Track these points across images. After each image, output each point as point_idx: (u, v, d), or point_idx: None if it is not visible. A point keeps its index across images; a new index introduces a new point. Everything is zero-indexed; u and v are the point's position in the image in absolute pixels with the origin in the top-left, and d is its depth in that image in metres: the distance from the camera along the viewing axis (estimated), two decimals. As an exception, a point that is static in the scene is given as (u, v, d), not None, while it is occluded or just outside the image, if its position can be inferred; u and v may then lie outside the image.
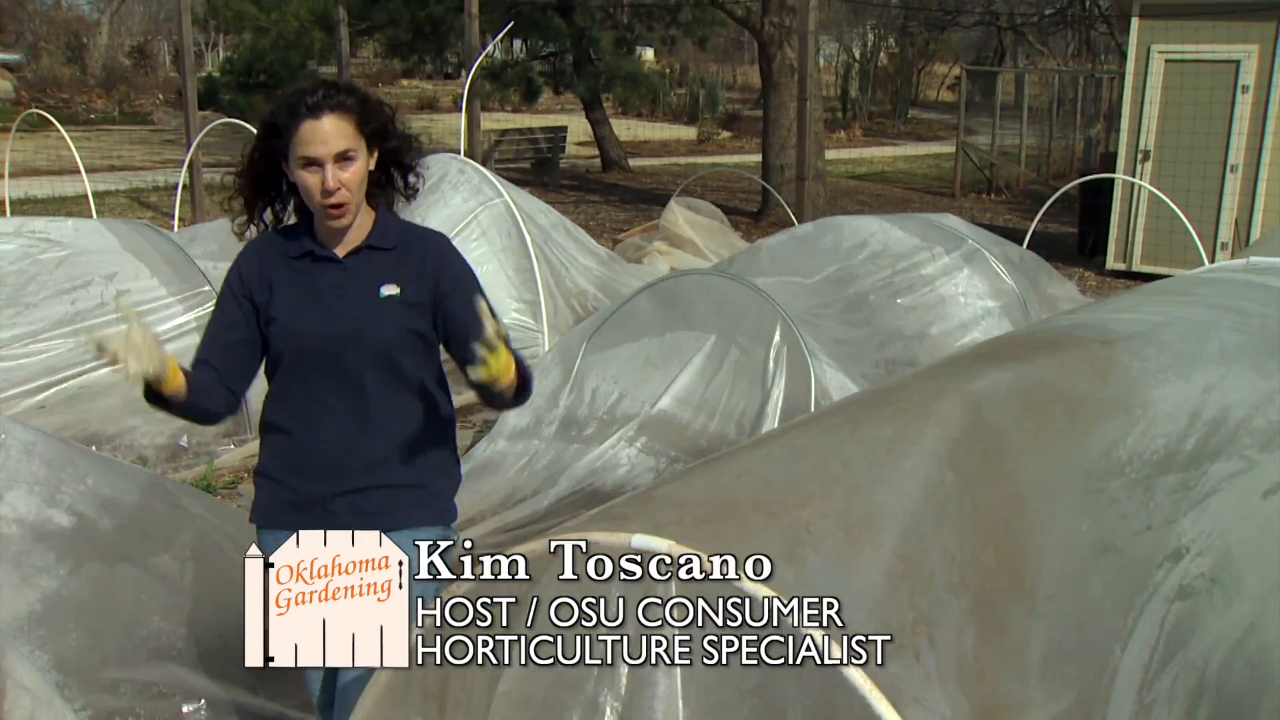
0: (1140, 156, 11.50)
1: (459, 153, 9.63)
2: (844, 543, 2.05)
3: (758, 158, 20.04)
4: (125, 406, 5.81)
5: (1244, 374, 2.98)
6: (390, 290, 2.57)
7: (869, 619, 1.89)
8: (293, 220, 2.69)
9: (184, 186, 10.79)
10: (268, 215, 2.67)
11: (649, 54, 29.11)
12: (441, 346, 2.69)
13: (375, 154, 2.57)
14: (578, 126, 20.89)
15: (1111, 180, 11.51)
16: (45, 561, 3.15)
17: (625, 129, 22.41)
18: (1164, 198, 9.04)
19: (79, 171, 16.36)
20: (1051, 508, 2.42)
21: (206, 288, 6.25)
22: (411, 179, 2.70)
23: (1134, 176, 11.26)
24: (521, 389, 2.48)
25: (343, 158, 2.47)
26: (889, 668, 1.79)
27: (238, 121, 9.36)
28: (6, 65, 28.07)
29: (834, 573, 1.99)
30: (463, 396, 7.22)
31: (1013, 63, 30.20)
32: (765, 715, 1.78)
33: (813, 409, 5.14)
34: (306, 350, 2.56)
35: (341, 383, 2.56)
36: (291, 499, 2.61)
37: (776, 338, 5.23)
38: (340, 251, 2.60)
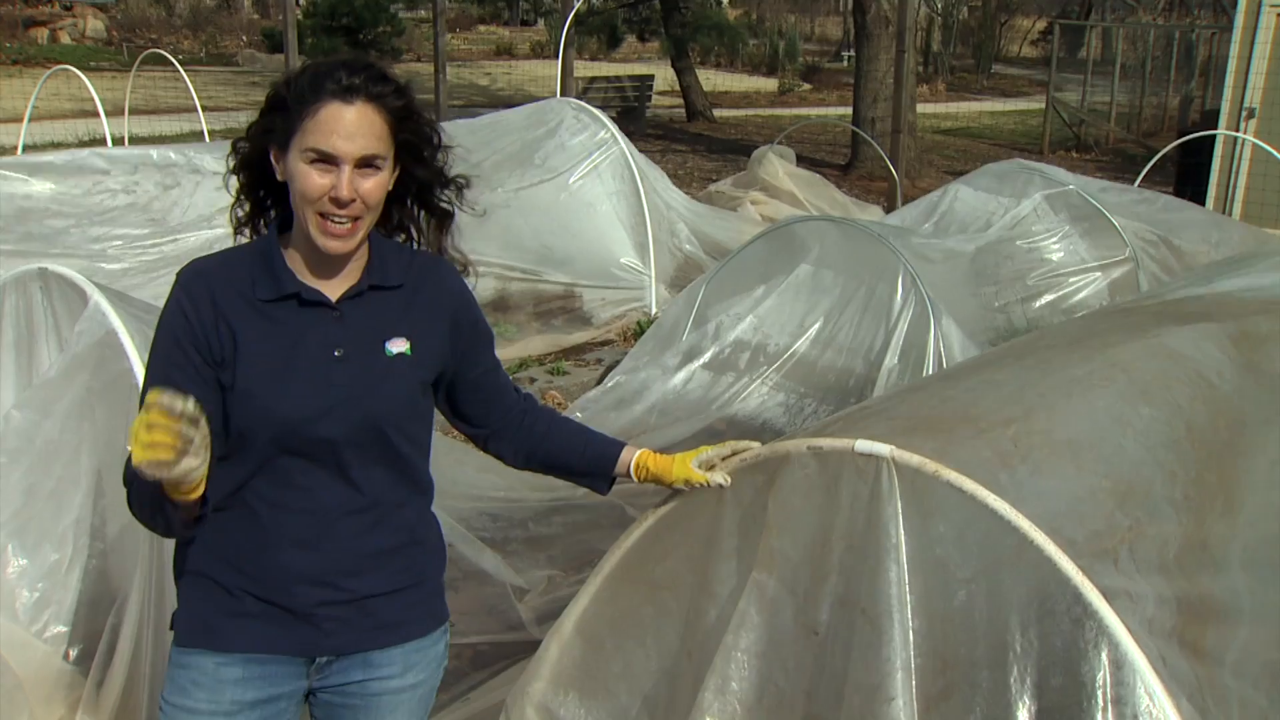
0: (1245, 114, 11.35)
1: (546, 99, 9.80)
2: (1049, 457, 2.24)
3: (840, 110, 19.96)
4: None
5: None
6: (399, 347, 1.96)
7: (1076, 524, 2.07)
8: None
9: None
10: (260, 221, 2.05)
11: (724, 2, 28.95)
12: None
13: (396, 174, 1.97)
14: (660, 75, 20.90)
15: (1211, 139, 11.35)
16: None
17: (705, 79, 22.35)
18: (1277, 155, 8.95)
19: (174, 111, 16.73)
20: (1259, 438, 2.63)
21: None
22: (440, 233, 2.10)
23: (1238, 133, 11.12)
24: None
25: (367, 163, 1.87)
26: (1095, 568, 1.97)
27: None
28: (98, 5, 28.59)
29: (1042, 481, 2.17)
30: (573, 337, 7.52)
31: (1100, 17, 29.58)
32: (982, 601, 1.97)
33: (931, 350, 5.29)
34: (289, 433, 1.89)
35: (334, 468, 1.94)
36: (241, 608, 1.95)
37: (900, 277, 5.35)
38: (333, 293, 1.95)
